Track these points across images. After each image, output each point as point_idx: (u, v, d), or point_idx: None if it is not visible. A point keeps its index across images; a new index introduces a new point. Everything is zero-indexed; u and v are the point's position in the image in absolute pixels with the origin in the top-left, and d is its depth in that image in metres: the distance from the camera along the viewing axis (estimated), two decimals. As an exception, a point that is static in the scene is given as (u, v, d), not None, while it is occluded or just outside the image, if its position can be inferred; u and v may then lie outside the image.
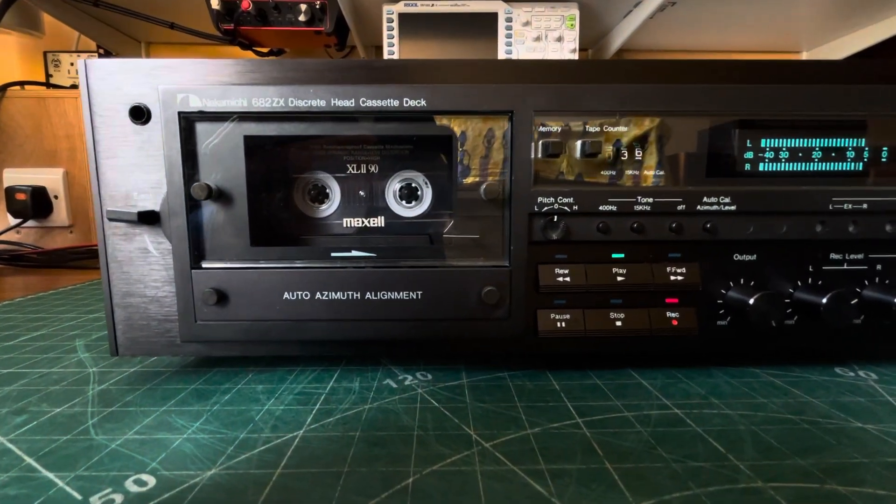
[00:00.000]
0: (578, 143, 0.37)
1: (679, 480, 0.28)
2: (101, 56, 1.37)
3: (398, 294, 0.38)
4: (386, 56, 1.15)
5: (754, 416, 0.36)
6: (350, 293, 0.38)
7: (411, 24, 1.21)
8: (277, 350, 0.41)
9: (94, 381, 0.42)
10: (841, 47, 1.24)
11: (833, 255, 0.41)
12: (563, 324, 0.40)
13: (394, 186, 0.43)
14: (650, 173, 0.39)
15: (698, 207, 0.38)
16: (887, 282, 0.41)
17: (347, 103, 0.36)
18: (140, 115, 0.37)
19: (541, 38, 1.20)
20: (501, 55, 1.15)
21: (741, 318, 0.40)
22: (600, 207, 0.38)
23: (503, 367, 0.45)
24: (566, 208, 0.38)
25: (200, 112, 0.36)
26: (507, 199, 0.38)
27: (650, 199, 0.38)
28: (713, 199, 0.38)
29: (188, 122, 0.37)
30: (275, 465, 0.29)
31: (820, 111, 0.38)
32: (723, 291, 0.41)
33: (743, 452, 0.30)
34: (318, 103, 0.36)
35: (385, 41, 1.17)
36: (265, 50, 1.41)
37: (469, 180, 0.38)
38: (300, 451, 0.31)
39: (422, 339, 0.39)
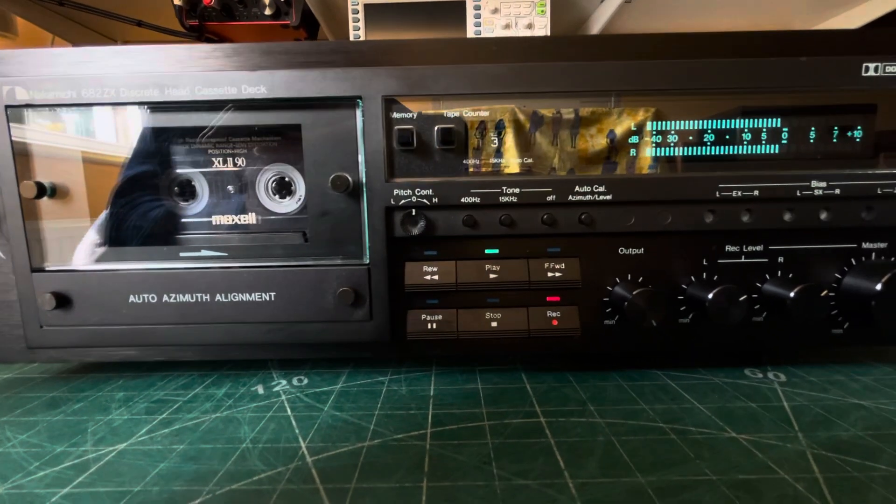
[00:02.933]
0: (435, 131, 0.34)
1: (490, 502, 0.25)
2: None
3: (249, 296, 0.36)
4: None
5: (623, 424, 0.33)
6: (199, 295, 0.36)
7: (378, 14, 1.18)
8: (141, 355, 0.39)
9: (-45, 390, 0.41)
10: (839, 24, 1.18)
11: (729, 248, 0.37)
12: (434, 325, 0.37)
13: (263, 181, 0.40)
14: (517, 161, 0.36)
15: (570, 197, 0.35)
16: (791, 275, 0.37)
17: (182, 93, 0.34)
18: (-27, 110, 0.35)
19: (510, 25, 1.17)
20: (468, 44, 1.11)
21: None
22: (462, 199, 0.35)
23: (389, 370, 0.43)
24: (425, 201, 0.35)
25: (28, 105, 0.34)
26: (361, 192, 0.35)
27: (516, 190, 0.35)
28: (586, 189, 0.35)
29: (18, 116, 0.35)
30: (65, 484, 0.27)
31: (693, 87, 0.35)
32: (609, 288, 0.38)
33: (583, 468, 0.28)
34: (151, 93, 0.34)
35: (351, 33, 1.15)
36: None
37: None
38: (105, 468, 0.29)
39: (278, 343, 0.37)
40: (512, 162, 0.36)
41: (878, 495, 0.25)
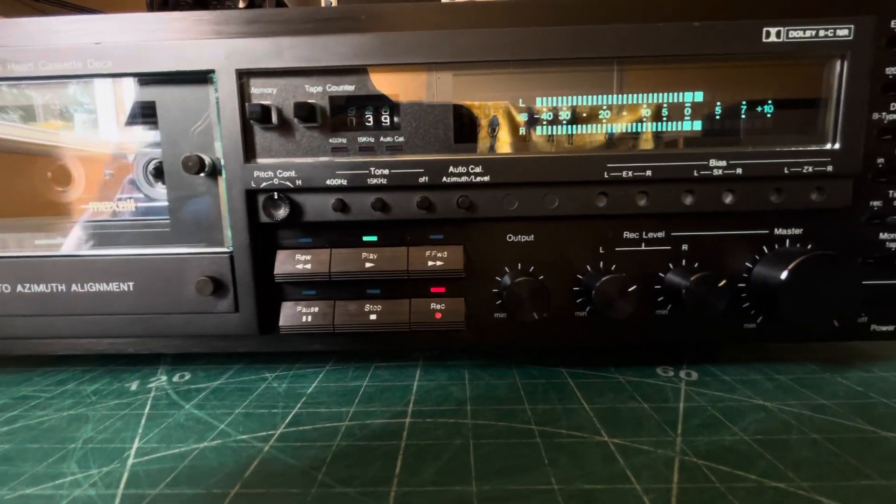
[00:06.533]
0: (291, 107, 0.32)
1: (295, 512, 0.22)
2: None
3: (107, 286, 0.34)
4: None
5: (491, 427, 0.30)
6: (54, 285, 0.34)
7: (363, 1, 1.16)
8: (5, 349, 0.37)
9: None
10: None
11: (628, 234, 0.34)
12: (310, 318, 0.34)
13: (141, 165, 0.38)
14: (387, 140, 0.33)
15: (445, 179, 0.32)
16: (696, 265, 0.34)
17: (25, 68, 0.32)
18: None
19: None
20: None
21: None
22: (328, 182, 0.32)
23: (280, 367, 0.40)
24: (288, 183, 0.32)
25: None
26: (219, 174, 0.33)
27: (385, 171, 0.32)
28: (461, 169, 0.32)
29: None
30: None
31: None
32: (497, 279, 0.35)
33: (418, 475, 0.25)
34: (-8, 68, 0.31)
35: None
36: (206, 39, 1.37)
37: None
38: None
39: (140, 335, 0.34)
40: (384, 141, 0.33)
41: (728, 510, 0.21)
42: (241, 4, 1.29)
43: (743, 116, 0.33)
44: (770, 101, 0.32)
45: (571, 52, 0.31)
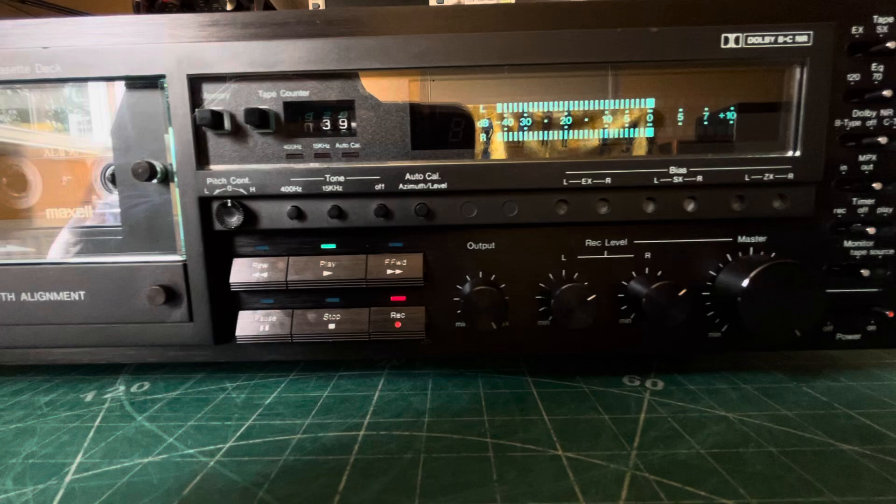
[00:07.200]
0: (241, 112, 0.31)
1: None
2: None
3: (57, 295, 0.33)
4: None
5: (446, 439, 0.29)
6: (3, 294, 0.33)
7: (342, 5, 1.15)
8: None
9: None
10: None
11: (589, 242, 0.34)
12: (267, 327, 0.34)
13: (100, 171, 0.37)
14: (343, 146, 0.32)
15: (401, 186, 0.32)
16: (660, 273, 0.34)
17: (-29, 72, 0.31)
18: None
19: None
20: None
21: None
22: (283, 189, 0.32)
23: (242, 375, 0.39)
24: (242, 190, 0.32)
25: None
26: (171, 181, 0.32)
27: (341, 178, 0.31)
28: (418, 176, 0.31)
29: None
30: None
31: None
32: (458, 287, 0.34)
33: (363, 492, 0.24)
34: (-62, 73, 0.31)
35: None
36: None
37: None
38: None
39: (94, 345, 0.34)
40: (340, 147, 0.32)
41: (672, 529, 0.21)
42: (228, 7, 1.28)
43: (705, 123, 0.32)
44: (731, 108, 0.32)
45: (528, 57, 0.30)
